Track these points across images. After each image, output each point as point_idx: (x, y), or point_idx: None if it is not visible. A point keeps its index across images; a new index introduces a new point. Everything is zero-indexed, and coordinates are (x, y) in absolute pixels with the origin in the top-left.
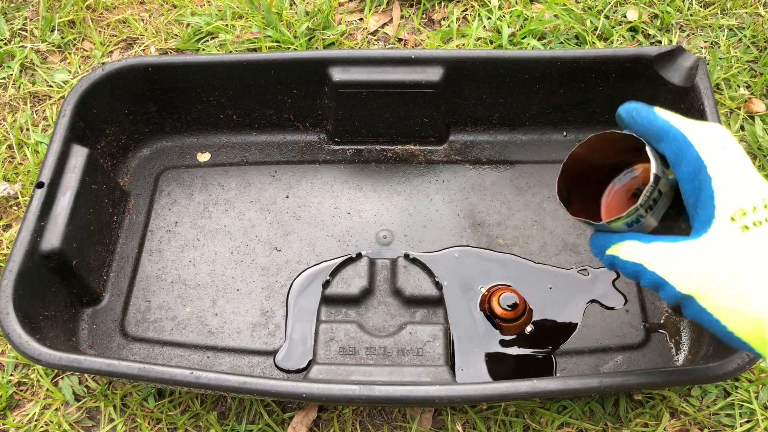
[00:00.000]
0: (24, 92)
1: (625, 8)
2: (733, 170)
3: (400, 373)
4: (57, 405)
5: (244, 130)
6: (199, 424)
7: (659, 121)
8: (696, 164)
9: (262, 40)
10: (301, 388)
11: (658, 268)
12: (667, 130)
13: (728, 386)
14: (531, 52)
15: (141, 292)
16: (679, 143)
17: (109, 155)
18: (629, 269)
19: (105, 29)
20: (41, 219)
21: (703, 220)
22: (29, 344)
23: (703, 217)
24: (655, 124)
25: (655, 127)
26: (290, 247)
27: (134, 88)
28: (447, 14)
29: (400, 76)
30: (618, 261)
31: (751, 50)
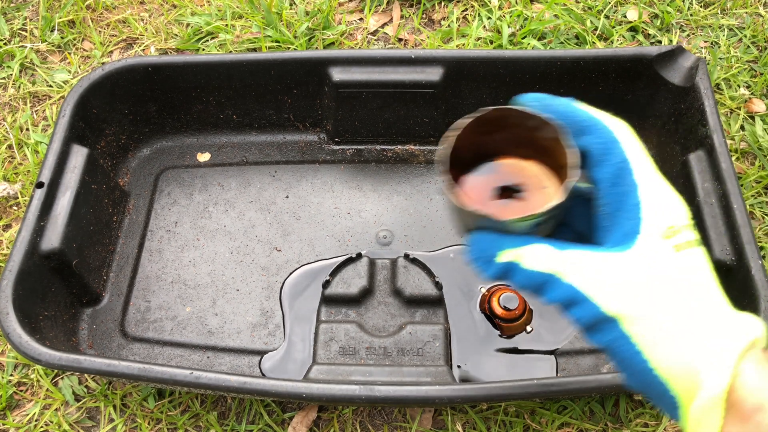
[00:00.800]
0: (24, 92)
1: (625, 8)
2: (658, 178)
3: (400, 373)
4: (57, 405)
5: (244, 130)
6: (199, 424)
7: (581, 113)
8: (622, 166)
9: (262, 40)
10: (301, 388)
11: (576, 280)
12: (593, 123)
13: None
14: (531, 52)
15: (141, 292)
16: (606, 139)
17: (109, 155)
18: (534, 280)
19: (105, 29)
20: (41, 219)
21: (627, 231)
22: (29, 344)
23: (627, 229)
24: (578, 116)
25: (578, 118)
26: (290, 247)
27: (134, 88)
28: (447, 14)
29: (400, 76)
30: (518, 269)
31: (751, 50)
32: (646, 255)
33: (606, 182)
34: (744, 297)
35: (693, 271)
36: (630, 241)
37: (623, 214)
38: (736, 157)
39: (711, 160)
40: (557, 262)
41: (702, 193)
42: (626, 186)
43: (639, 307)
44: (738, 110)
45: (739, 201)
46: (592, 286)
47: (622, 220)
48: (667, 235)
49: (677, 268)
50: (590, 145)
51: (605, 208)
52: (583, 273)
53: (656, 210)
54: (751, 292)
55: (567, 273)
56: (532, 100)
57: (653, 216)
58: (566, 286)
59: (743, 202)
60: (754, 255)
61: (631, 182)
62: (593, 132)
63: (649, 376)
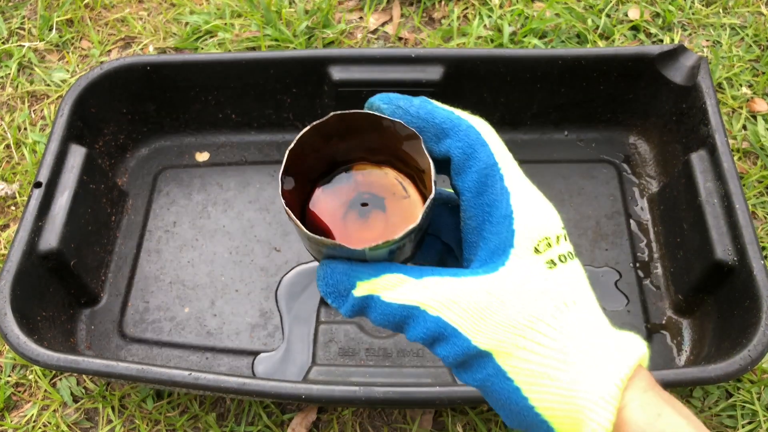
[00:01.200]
0: (22, 91)
1: (627, 7)
2: (527, 183)
3: (400, 374)
4: (55, 406)
5: (243, 130)
6: (198, 425)
7: (440, 112)
8: (489, 172)
9: (261, 38)
10: (300, 390)
11: (443, 312)
12: (455, 124)
13: (730, 387)
14: (532, 51)
15: (139, 292)
16: (470, 141)
17: (108, 155)
18: (395, 314)
19: (103, 28)
20: (39, 219)
21: (495, 247)
22: (27, 345)
23: (495, 244)
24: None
25: (437, 119)
26: (290, 247)
27: (133, 88)
28: (447, 13)
29: (401, 75)
30: (377, 303)
31: (753, 49)
32: (517, 277)
33: (470, 191)
34: (746, 297)
35: (569, 291)
36: (499, 259)
37: (490, 227)
38: (738, 157)
39: (713, 160)
40: (419, 293)
41: (704, 193)
42: (494, 195)
43: (514, 339)
44: (740, 109)
45: (741, 201)
46: (460, 318)
47: (489, 234)
48: (541, 249)
49: (552, 290)
50: (451, 149)
51: (470, 221)
52: (449, 303)
53: (529, 221)
54: (753, 293)
55: (431, 305)
56: (383, 102)
57: (526, 228)
58: (432, 320)
59: (745, 202)
60: (756, 255)
61: (500, 190)
62: (455, 134)
63: (530, 414)
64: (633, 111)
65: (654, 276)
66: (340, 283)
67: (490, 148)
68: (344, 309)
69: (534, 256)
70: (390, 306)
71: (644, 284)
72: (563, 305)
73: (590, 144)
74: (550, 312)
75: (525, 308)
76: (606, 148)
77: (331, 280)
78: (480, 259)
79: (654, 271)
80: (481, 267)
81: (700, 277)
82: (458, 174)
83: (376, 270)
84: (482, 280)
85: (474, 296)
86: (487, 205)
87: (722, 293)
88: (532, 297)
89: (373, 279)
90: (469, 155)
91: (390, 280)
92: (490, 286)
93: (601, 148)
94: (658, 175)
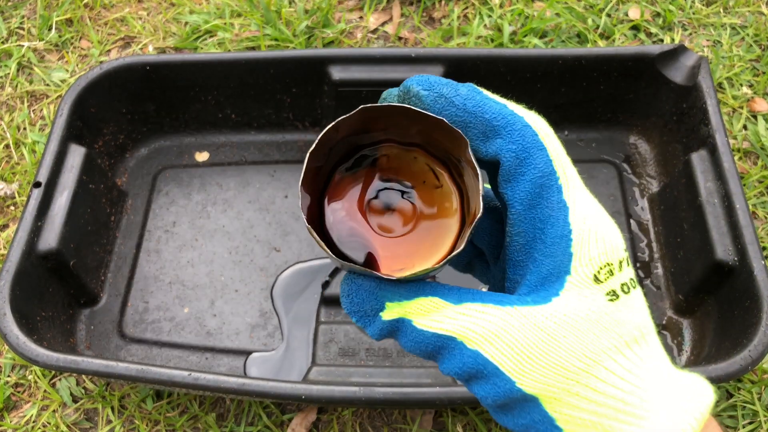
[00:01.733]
0: (21, 91)
1: (627, 6)
2: (588, 197)
3: (401, 374)
4: (55, 406)
5: (242, 130)
6: (198, 425)
7: (491, 106)
8: (546, 182)
9: (261, 38)
10: (300, 390)
11: (483, 346)
12: (510, 122)
13: (731, 387)
14: (532, 50)
15: (139, 292)
16: (527, 144)
17: (107, 155)
18: (428, 343)
19: (103, 28)
20: (38, 219)
21: (548, 273)
22: (26, 345)
23: (548, 269)
24: (486, 110)
25: (489, 114)
26: (289, 247)
27: (132, 87)
28: (447, 12)
29: (401, 75)
30: (408, 329)
31: (753, 49)
32: (573, 310)
33: (521, 203)
34: (746, 297)
35: (632, 329)
36: (552, 287)
37: (542, 247)
38: (738, 157)
39: (713, 160)
40: (456, 321)
41: (704, 193)
42: (549, 209)
43: (566, 384)
44: (740, 109)
45: (741, 201)
46: (503, 355)
47: (541, 256)
48: (602, 277)
49: (613, 327)
50: (502, 152)
51: (518, 237)
52: (491, 337)
53: (589, 243)
54: (753, 293)
55: (469, 336)
56: (422, 87)
57: (585, 251)
58: (470, 354)
59: (746, 202)
60: (756, 255)
61: (557, 204)
62: (507, 134)
63: None
64: (633, 111)
65: (654, 276)
66: (366, 303)
67: (548, 153)
68: (371, 331)
69: (594, 286)
70: (423, 334)
71: (645, 284)
72: (624, 346)
73: (590, 144)
74: (610, 354)
75: (581, 349)
76: (606, 148)
77: (356, 298)
78: (529, 285)
79: (654, 271)
80: (530, 295)
81: (700, 277)
82: (508, 181)
83: (408, 291)
84: (531, 312)
85: (521, 331)
86: (540, 220)
87: (723, 293)
88: (589, 336)
89: (404, 302)
90: (522, 160)
91: (423, 304)
92: (541, 320)
93: (602, 148)
94: (658, 175)
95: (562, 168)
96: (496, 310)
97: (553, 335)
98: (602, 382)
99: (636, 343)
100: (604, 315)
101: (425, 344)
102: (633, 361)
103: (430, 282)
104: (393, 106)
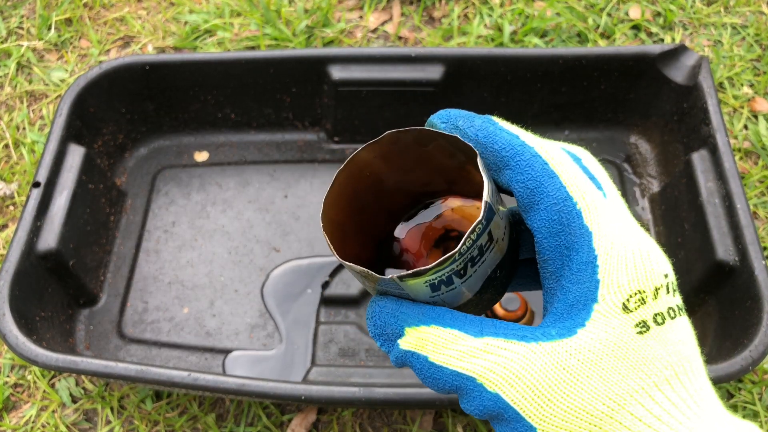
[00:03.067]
0: (20, 91)
1: (628, 6)
2: (618, 219)
3: (401, 374)
4: (54, 407)
5: (242, 129)
6: (197, 426)
7: (503, 136)
8: (563, 208)
9: (260, 38)
10: (300, 390)
11: (503, 389)
12: (517, 152)
13: (731, 388)
14: (532, 50)
15: (138, 292)
16: (536, 174)
17: (106, 154)
18: (446, 381)
19: (102, 27)
20: (38, 219)
21: (574, 300)
22: (26, 345)
23: (575, 296)
24: (498, 141)
25: (498, 145)
26: (289, 247)
27: (131, 87)
28: (448, 12)
29: (401, 75)
30: (424, 364)
31: (754, 49)
32: (598, 344)
33: (542, 232)
34: (747, 298)
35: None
36: (578, 316)
37: (569, 274)
38: (739, 157)
39: (714, 160)
40: (475, 360)
41: (705, 193)
42: (571, 235)
43: (589, 429)
44: (741, 109)
45: (742, 201)
46: (523, 399)
47: (568, 283)
48: (631, 306)
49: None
50: (512, 183)
51: (546, 265)
52: (512, 378)
53: (617, 268)
54: (754, 293)
55: (489, 378)
56: (440, 120)
57: (613, 278)
58: (490, 397)
59: (746, 202)
60: (757, 256)
61: (579, 229)
62: (515, 165)
63: None
64: (634, 110)
65: None
66: (388, 326)
67: (560, 180)
68: (392, 357)
69: (622, 316)
70: (440, 370)
71: None
72: (653, 387)
73: (591, 144)
74: (637, 397)
75: (605, 391)
76: (607, 148)
77: (379, 320)
78: (555, 314)
79: None
80: (555, 326)
81: (701, 278)
82: (526, 212)
83: (425, 315)
84: (555, 348)
85: (543, 371)
86: (565, 247)
87: (723, 293)
88: (614, 376)
89: (421, 327)
90: (533, 190)
91: (440, 335)
92: (565, 358)
93: (602, 148)
94: (659, 174)
95: (580, 193)
96: (519, 347)
97: (576, 375)
98: (627, 430)
99: (667, 384)
100: (630, 351)
101: (443, 381)
102: (663, 406)
103: (449, 310)
104: (431, 131)
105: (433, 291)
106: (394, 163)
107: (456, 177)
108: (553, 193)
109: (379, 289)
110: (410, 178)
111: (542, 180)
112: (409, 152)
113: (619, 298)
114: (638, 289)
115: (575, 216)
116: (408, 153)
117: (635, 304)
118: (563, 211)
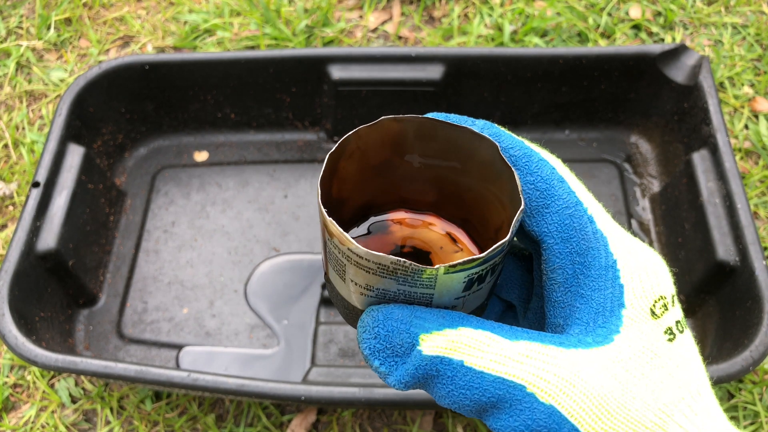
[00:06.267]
0: (20, 91)
1: (628, 5)
2: (622, 229)
3: None
4: (53, 407)
5: (242, 129)
6: (197, 426)
7: (510, 137)
8: (575, 212)
9: (260, 37)
10: (300, 391)
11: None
12: (526, 154)
13: (732, 388)
14: (533, 49)
15: (138, 293)
16: (545, 176)
17: (106, 154)
18: (485, 390)
19: (102, 27)
20: (37, 219)
21: (599, 307)
22: (25, 345)
23: (599, 303)
24: (504, 140)
25: (505, 143)
26: (289, 247)
27: (131, 87)
28: (448, 11)
29: (401, 74)
30: (456, 371)
31: (755, 48)
32: (639, 351)
33: (552, 237)
34: (748, 298)
35: (694, 377)
36: (608, 323)
37: (587, 281)
38: (739, 157)
39: (714, 160)
40: (524, 366)
41: (705, 193)
42: (586, 240)
43: None
44: (742, 109)
45: (743, 201)
46: (581, 410)
47: (588, 290)
48: (657, 311)
49: (677, 373)
50: (521, 184)
51: (555, 274)
52: (567, 387)
53: (639, 273)
54: (754, 293)
55: (542, 386)
56: None
57: (637, 283)
58: (543, 410)
59: (747, 202)
60: (758, 255)
61: (594, 234)
62: (524, 166)
63: None
64: (634, 110)
65: None
66: (397, 336)
67: (569, 185)
68: (398, 375)
69: (651, 321)
70: (479, 378)
71: None
72: (690, 398)
73: (591, 143)
74: (680, 407)
75: (653, 401)
76: (607, 148)
77: (383, 329)
78: (581, 323)
79: None
80: (589, 334)
81: (701, 278)
82: (533, 216)
83: (447, 318)
84: (599, 355)
85: (595, 378)
86: (578, 254)
87: (724, 294)
88: (658, 385)
89: (445, 330)
90: (543, 192)
91: (474, 336)
92: (611, 365)
93: (603, 148)
94: (659, 174)
95: (588, 200)
96: (563, 353)
97: (625, 384)
98: None
99: (699, 395)
100: (667, 360)
101: (481, 391)
102: (701, 416)
103: (472, 315)
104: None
105: (464, 290)
106: (416, 148)
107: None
108: (563, 197)
109: (380, 294)
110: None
111: (552, 182)
112: (400, 135)
113: (646, 303)
114: (661, 294)
115: (588, 220)
116: (399, 136)
117: (660, 309)
118: (575, 215)
